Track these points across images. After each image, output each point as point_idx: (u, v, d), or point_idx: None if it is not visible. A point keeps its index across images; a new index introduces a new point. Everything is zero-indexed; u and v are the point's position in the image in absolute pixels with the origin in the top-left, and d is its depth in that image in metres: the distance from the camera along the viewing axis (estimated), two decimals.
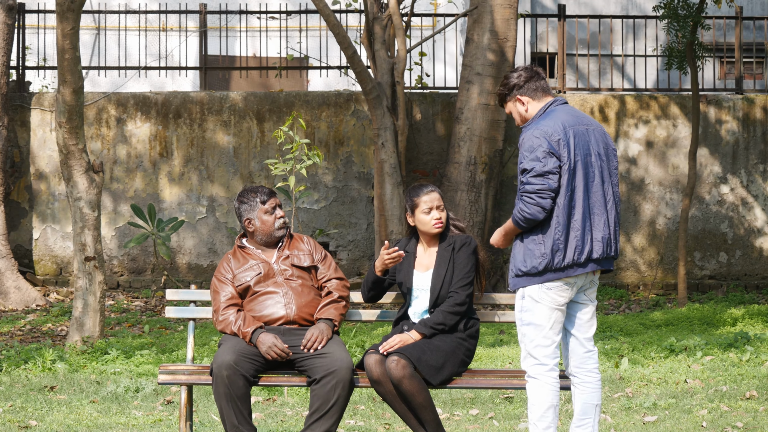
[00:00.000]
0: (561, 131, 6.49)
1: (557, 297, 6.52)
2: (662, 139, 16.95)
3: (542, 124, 6.53)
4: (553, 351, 6.56)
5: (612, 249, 6.59)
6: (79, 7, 11.76)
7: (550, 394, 6.53)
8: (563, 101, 6.71)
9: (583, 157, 6.53)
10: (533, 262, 6.49)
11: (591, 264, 6.53)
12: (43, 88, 18.64)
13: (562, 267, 6.47)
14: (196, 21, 19.09)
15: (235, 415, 6.96)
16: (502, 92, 6.73)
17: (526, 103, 6.69)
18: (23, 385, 10.24)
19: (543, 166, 6.43)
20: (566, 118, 6.57)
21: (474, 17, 15.57)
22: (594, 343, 6.76)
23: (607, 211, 6.57)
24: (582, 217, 6.49)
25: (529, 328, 6.57)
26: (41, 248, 16.75)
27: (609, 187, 6.60)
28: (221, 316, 7.21)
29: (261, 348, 7.04)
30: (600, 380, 6.75)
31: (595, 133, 6.62)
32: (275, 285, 7.26)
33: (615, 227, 6.61)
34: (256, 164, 16.73)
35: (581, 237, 6.48)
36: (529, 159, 6.46)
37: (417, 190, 7.24)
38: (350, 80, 19.44)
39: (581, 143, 6.53)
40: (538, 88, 6.69)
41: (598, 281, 7.11)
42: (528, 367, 6.58)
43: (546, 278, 6.49)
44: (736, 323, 13.32)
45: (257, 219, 7.35)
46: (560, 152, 6.46)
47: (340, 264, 16.70)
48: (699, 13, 14.99)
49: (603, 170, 6.58)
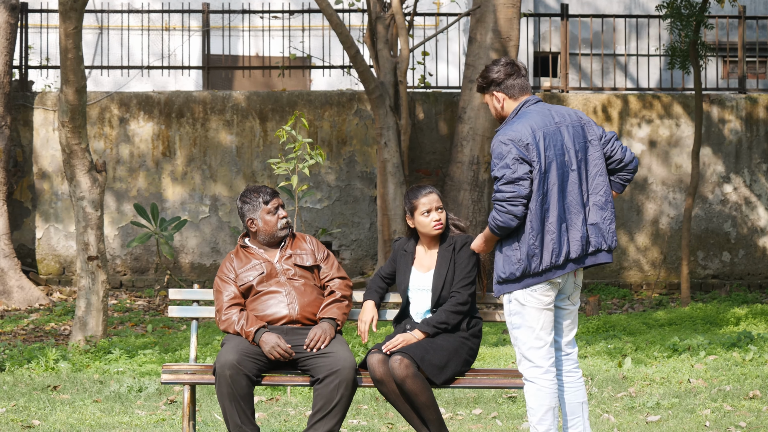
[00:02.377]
0: (530, 135, 6.43)
1: (542, 297, 6.51)
2: (665, 138, 16.95)
3: (511, 129, 6.47)
4: (546, 352, 6.54)
5: (591, 245, 6.50)
6: (81, 6, 11.76)
7: (548, 397, 6.53)
8: (537, 100, 6.64)
9: (557, 158, 6.46)
10: (511, 269, 6.48)
11: (570, 264, 6.49)
12: (46, 87, 18.64)
13: (540, 271, 6.44)
14: (199, 20, 19.09)
15: (238, 414, 6.96)
16: (480, 84, 6.72)
17: (501, 100, 6.66)
18: (26, 384, 10.25)
19: (513, 173, 6.40)
20: (536, 120, 6.50)
21: (477, 16, 15.57)
22: (574, 343, 6.74)
23: (585, 209, 6.52)
24: (557, 220, 6.44)
25: (519, 331, 6.56)
26: (44, 248, 16.75)
27: (586, 182, 6.50)
28: (224, 316, 7.21)
29: (264, 348, 7.04)
30: (582, 377, 6.74)
31: (569, 129, 6.53)
32: (278, 284, 7.26)
33: (595, 222, 6.51)
34: (258, 164, 16.73)
35: (557, 239, 6.44)
36: (499, 167, 6.43)
37: (415, 192, 7.23)
38: (353, 80, 19.44)
39: (553, 144, 6.47)
40: (516, 86, 6.64)
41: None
42: (524, 370, 6.58)
43: (525, 283, 6.48)
44: (740, 323, 13.32)
45: (260, 219, 7.34)
46: (530, 157, 6.41)
47: (342, 263, 16.70)
48: (702, 13, 14.98)
49: (580, 166, 6.51)
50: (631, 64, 19.69)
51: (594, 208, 6.55)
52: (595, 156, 6.58)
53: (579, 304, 6.77)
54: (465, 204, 15.42)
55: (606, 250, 6.58)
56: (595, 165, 6.57)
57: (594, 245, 6.53)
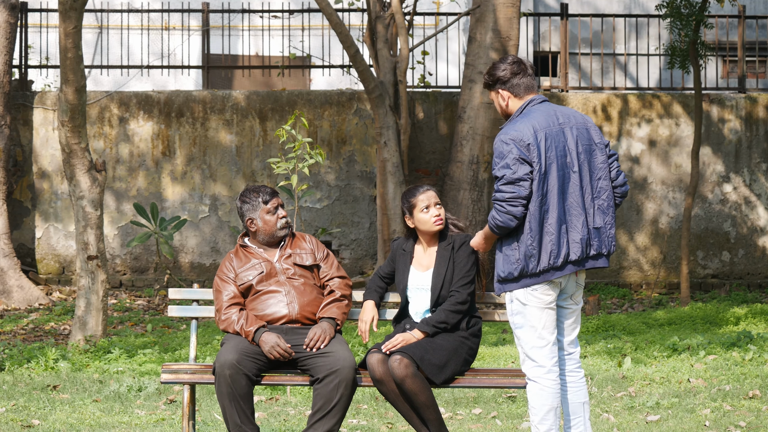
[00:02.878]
0: (531, 136, 6.43)
1: (543, 297, 6.50)
2: (665, 138, 16.95)
3: (513, 129, 6.46)
4: (549, 351, 6.54)
5: (593, 248, 6.53)
6: (81, 5, 11.76)
7: (550, 397, 6.53)
8: (542, 99, 6.63)
9: (558, 159, 6.45)
10: (509, 268, 6.49)
11: (569, 266, 6.48)
12: (45, 86, 18.64)
13: (537, 272, 6.44)
14: (199, 20, 19.09)
15: (237, 414, 6.96)
16: (487, 81, 6.72)
17: (506, 98, 6.66)
18: (26, 384, 10.24)
19: (513, 174, 6.39)
20: (539, 120, 6.49)
21: (477, 16, 15.57)
22: (576, 343, 6.74)
23: (586, 211, 6.51)
24: (557, 221, 6.44)
25: (522, 331, 6.57)
26: (44, 247, 16.75)
27: (589, 185, 6.50)
28: (224, 315, 7.21)
29: (263, 347, 7.04)
30: (584, 377, 6.74)
31: (573, 131, 6.52)
32: (278, 284, 7.26)
33: (597, 225, 6.51)
34: (258, 163, 16.73)
35: (556, 241, 6.43)
36: (499, 166, 6.43)
37: (413, 191, 7.25)
38: (353, 79, 19.44)
39: (555, 145, 6.46)
40: (521, 85, 6.64)
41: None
42: (527, 369, 6.58)
43: (524, 283, 6.48)
44: (739, 322, 13.32)
45: (259, 219, 7.34)
46: (531, 157, 6.40)
47: (342, 263, 16.71)
48: (702, 12, 14.98)
49: (582, 169, 6.50)
50: (630, 64, 19.68)
51: (598, 212, 6.54)
52: (600, 159, 6.57)
53: (582, 303, 6.77)
54: (465, 203, 15.42)
55: (606, 254, 6.58)
56: (600, 169, 6.56)
57: (596, 248, 6.53)
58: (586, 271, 6.66)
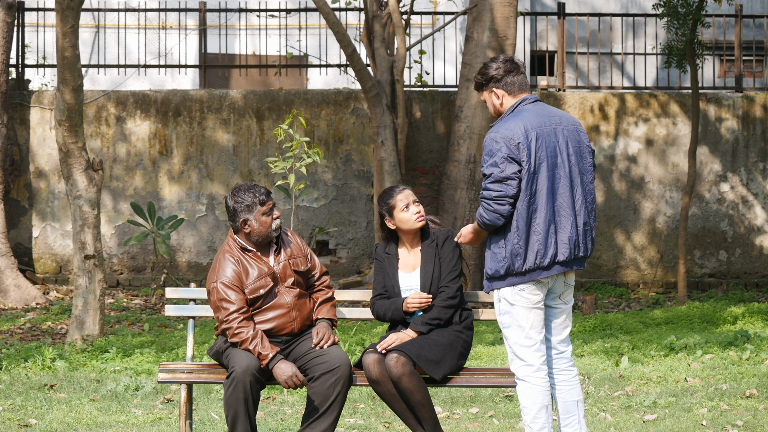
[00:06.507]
0: (522, 134, 6.42)
1: (531, 296, 6.51)
2: (662, 137, 16.95)
3: (504, 127, 6.46)
4: (537, 350, 6.54)
5: (581, 250, 6.54)
6: (78, 5, 11.75)
7: (541, 395, 6.53)
8: (534, 99, 6.62)
9: (549, 159, 6.45)
10: (496, 266, 6.50)
11: (556, 266, 6.48)
12: (42, 86, 18.63)
13: (523, 271, 6.45)
14: (196, 19, 19.09)
15: (249, 419, 6.93)
16: (479, 81, 6.70)
17: (500, 96, 6.65)
18: (23, 383, 10.24)
19: (501, 172, 6.39)
20: (531, 119, 6.49)
21: (474, 15, 15.57)
22: (568, 341, 6.74)
23: (575, 212, 6.51)
24: (545, 221, 6.44)
25: (509, 330, 6.57)
26: (41, 246, 16.75)
27: (579, 187, 6.51)
28: (236, 330, 7.03)
29: (279, 377, 6.95)
30: (576, 375, 6.73)
31: (564, 132, 6.53)
32: (280, 297, 7.17)
33: (585, 227, 6.53)
34: (255, 162, 16.73)
35: (544, 240, 6.44)
36: (488, 164, 6.42)
37: (389, 192, 7.26)
38: (350, 78, 19.44)
39: (546, 145, 6.46)
40: (515, 83, 6.63)
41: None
42: (515, 369, 6.59)
43: (510, 282, 6.48)
44: (736, 321, 13.32)
45: (255, 220, 7.19)
46: (520, 156, 6.40)
47: (339, 262, 16.71)
48: (699, 11, 14.98)
49: (572, 170, 6.51)
50: (627, 63, 19.69)
51: (581, 214, 6.54)
52: (589, 162, 6.60)
53: (572, 302, 6.76)
54: (462, 202, 15.42)
55: (582, 256, 6.59)
56: (589, 171, 6.59)
57: (583, 250, 6.55)
58: (582, 270, 6.68)
